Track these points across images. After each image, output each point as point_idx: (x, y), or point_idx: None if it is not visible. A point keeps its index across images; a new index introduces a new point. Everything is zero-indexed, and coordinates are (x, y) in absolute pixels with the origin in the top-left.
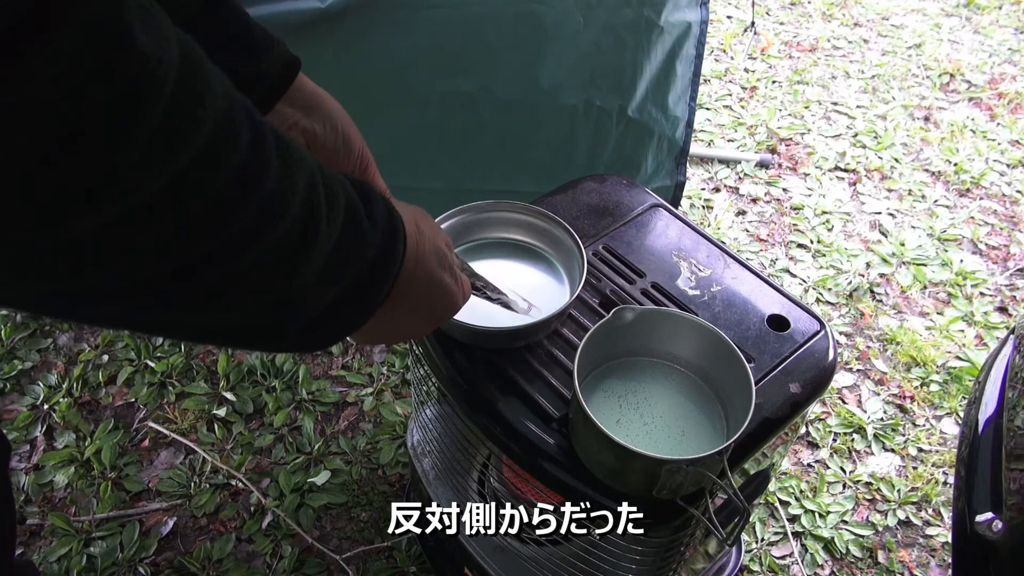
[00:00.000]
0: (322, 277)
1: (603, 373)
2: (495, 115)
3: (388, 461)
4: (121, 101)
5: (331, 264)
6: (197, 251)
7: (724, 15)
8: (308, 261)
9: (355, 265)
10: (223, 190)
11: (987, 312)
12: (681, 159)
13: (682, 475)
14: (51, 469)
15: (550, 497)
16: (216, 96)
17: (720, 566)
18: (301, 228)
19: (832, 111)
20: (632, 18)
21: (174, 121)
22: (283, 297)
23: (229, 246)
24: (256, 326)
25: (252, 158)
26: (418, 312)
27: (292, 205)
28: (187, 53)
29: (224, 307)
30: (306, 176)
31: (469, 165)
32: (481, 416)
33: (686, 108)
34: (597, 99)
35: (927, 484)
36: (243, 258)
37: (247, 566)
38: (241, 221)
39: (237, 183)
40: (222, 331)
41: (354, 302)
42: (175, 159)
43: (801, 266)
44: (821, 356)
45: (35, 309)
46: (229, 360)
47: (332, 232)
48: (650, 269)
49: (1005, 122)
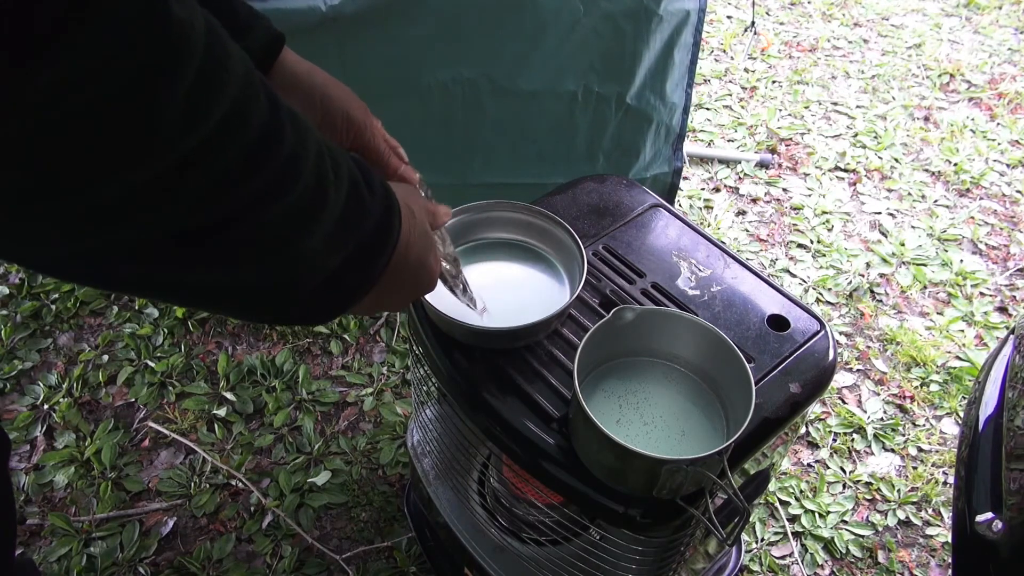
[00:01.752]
0: (330, 242)
1: (603, 373)
2: (496, 103)
3: (388, 461)
4: (161, 62)
5: (339, 229)
6: (223, 207)
7: (724, 15)
8: (319, 224)
9: (359, 232)
10: (248, 148)
11: (987, 312)
12: (678, 144)
13: (682, 475)
14: (51, 469)
15: (550, 497)
16: (236, 62)
17: (720, 566)
18: (313, 191)
19: (832, 111)
20: (631, 6)
21: (205, 81)
22: (295, 258)
23: (252, 204)
24: (266, 289)
25: (271, 120)
26: (405, 286)
27: (305, 169)
28: (210, 22)
29: (239, 266)
30: (314, 143)
31: (472, 157)
32: (481, 416)
33: (683, 95)
34: (596, 86)
35: (927, 484)
36: (263, 216)
37: (247, 566)
38: (263, 179)
39: (260, 142)
40: (234, 293)
41: (356, 271)
42: (207, 117)
43: (801, 266)
44: (821, 356)
45: (64, 271)
46: (229, 360)
47: (339, 198)
48: (650, 269)
49: (1005, 122)
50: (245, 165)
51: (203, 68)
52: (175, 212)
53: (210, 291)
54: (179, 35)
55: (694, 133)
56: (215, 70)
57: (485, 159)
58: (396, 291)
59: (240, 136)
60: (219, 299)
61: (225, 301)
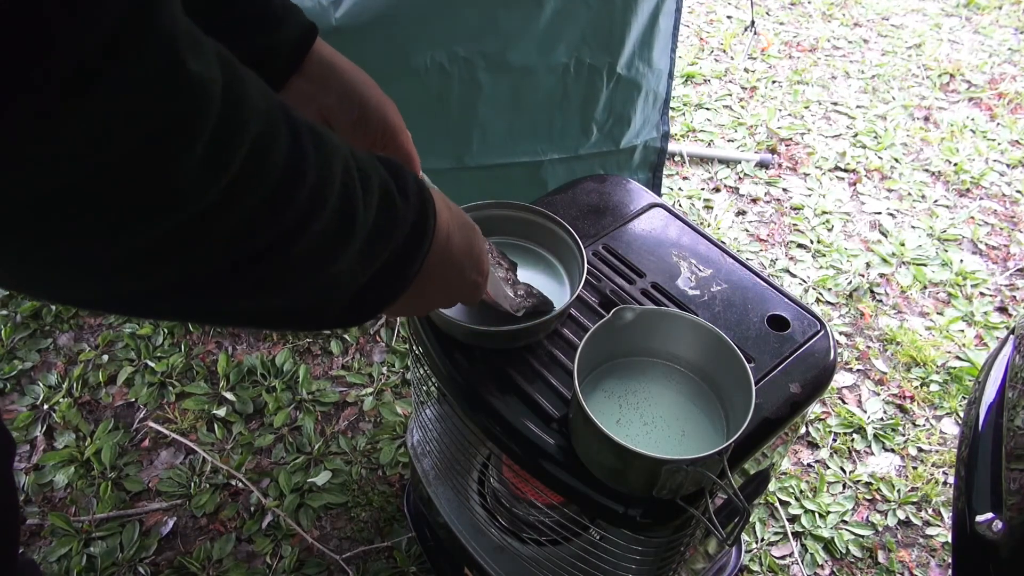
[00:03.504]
0: (362, 258)
1: (603, 373)
2: (492, 79)
3: (388, 461)
4: (178, 123)
5: (369, 244)
6: (254, 245)
7: (724, 15)
8: (348, 245)
9: (392, 242)
10: (273, 187)
11: (987, 312)
12: (664, 109)
13: (682, 475)
14: (51, 469)
15: (550, 497)
16: (254, 100)
17: (720, 566)
18: (340, 215)
19: (832, 111)
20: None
21: (223, 132)
22: (327, 280)
23: (282, 238)
24: (301, 309)
25: (292, 152)
26: (449, 285)
27: (331, 195)
28: (226, 65)
29: (273, 294)
30: (341, 163)
31: (469, 138)
32: (481, 416)
33: (668, 60)
34: (588, 57)
35: (927, 484)
36: (294, 248)
37: (247, 566)
38: (291, 214)
39: (284, 179)
40: (270, 316)
41: (390, 277)
42: (228, 166)
43: (801, 266)
44: (821, 356)
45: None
46: (229, 360)
47: (369, 214)
48: (650, 269)
49: (1005, 122)
50: (270, 204)
51: (221, 120)
52: (206, 254)
53: (241, 316)
54: (195, 96)
55: (694, 133)
56: (233, 118)
57: (482, 139)
58: (441, 287)
59: (263, 178)
60: (250, 321)
61: (256, 322)
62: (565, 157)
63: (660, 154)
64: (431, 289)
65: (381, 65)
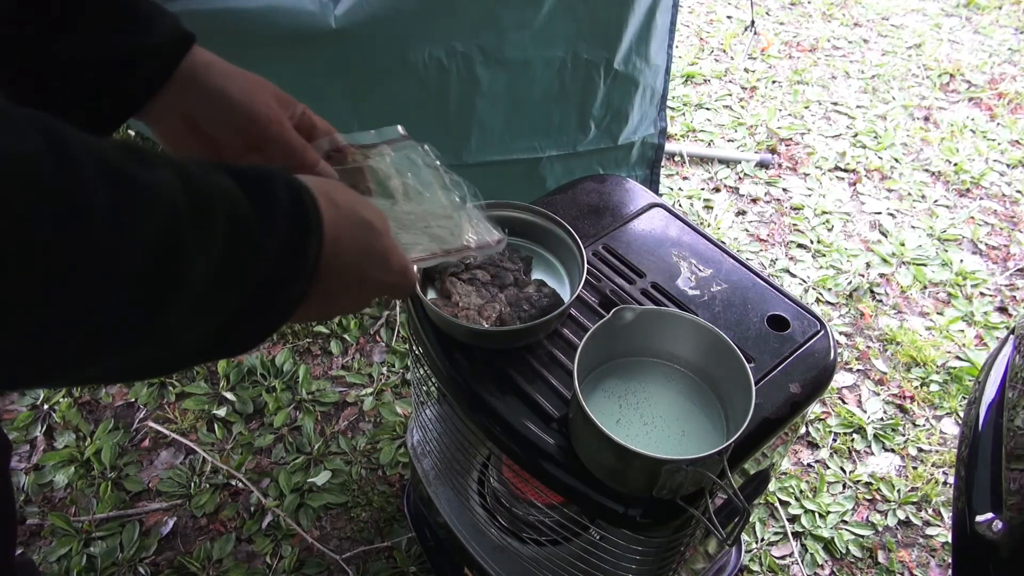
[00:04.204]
0: (204, 304)
1: (603, 373)
2: (489, 74)
3: (388, 461)
4: None
5: (217, 286)
6: (32, 328)
7: (724, 15)
8: (175, 302)
9: (252, 276)
10: (32, 257)
11: (987, 312)
12: (661, 105)
13: (682, 475)
14: (51, 469)
15: (550, 497)
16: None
17: (720, 566)
18: (156, 271)
19: (832, 111)
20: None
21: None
22: (164, 335)
23: (66, 316)
24: (143, 366)
25: (59, 223)
26: (350, 291)
27: (139, 253)
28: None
29: (108, 359)
30: (161, 212)
31: (468, 135)
32: (481, 416)
33: (665, 56)
34: (584, 53)
35: (927, 484)
36: (89, 321)
37: (247, 566)
38: (72, 292)
39: (44, 242)
40: (118, 374)
41: (265, 306)
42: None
43: (801, 266)
44: (821, 356)
45: None
46: (229, 360)
47: (210, 259)
48: (650, 269)
49: (1005, 122)
50: (37, 277)
51: None
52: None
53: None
54: None
55: (694, 133)
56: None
57: (480, 136)
58: (344, 294)
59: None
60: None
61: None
62: (563, 154)
63: (658, 150)
64: (332, 299)
65: (380, 63)
